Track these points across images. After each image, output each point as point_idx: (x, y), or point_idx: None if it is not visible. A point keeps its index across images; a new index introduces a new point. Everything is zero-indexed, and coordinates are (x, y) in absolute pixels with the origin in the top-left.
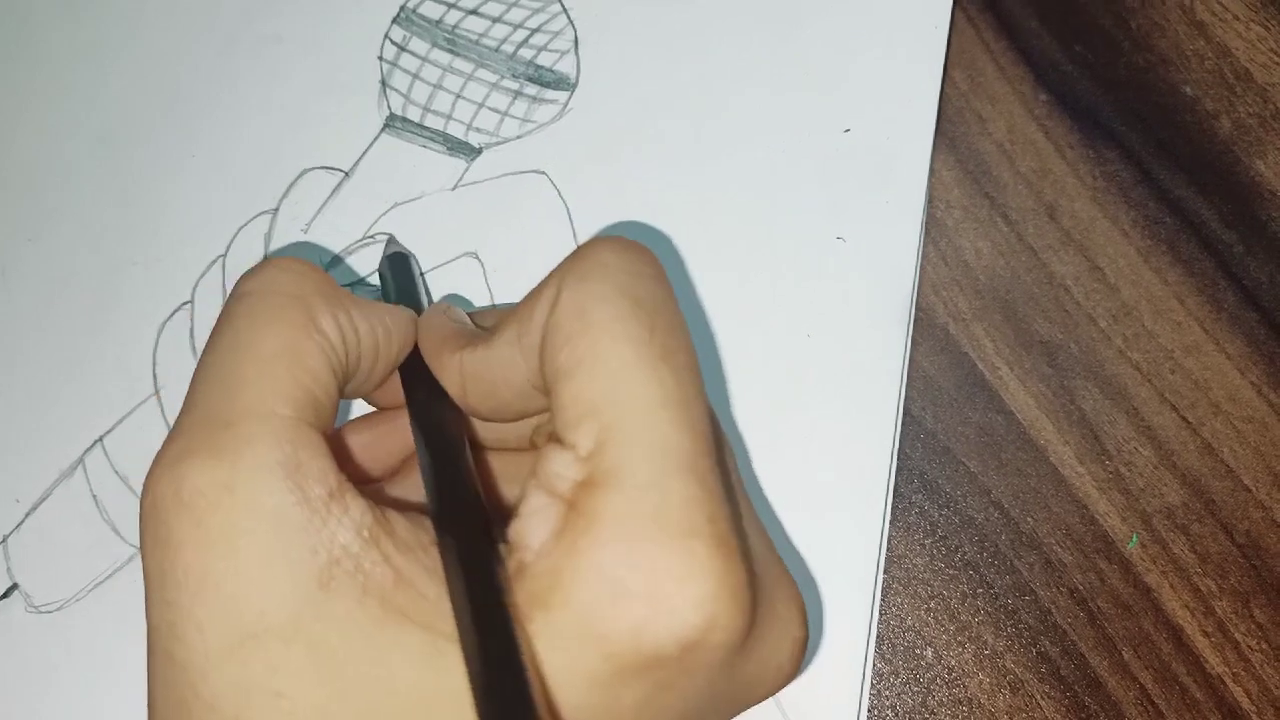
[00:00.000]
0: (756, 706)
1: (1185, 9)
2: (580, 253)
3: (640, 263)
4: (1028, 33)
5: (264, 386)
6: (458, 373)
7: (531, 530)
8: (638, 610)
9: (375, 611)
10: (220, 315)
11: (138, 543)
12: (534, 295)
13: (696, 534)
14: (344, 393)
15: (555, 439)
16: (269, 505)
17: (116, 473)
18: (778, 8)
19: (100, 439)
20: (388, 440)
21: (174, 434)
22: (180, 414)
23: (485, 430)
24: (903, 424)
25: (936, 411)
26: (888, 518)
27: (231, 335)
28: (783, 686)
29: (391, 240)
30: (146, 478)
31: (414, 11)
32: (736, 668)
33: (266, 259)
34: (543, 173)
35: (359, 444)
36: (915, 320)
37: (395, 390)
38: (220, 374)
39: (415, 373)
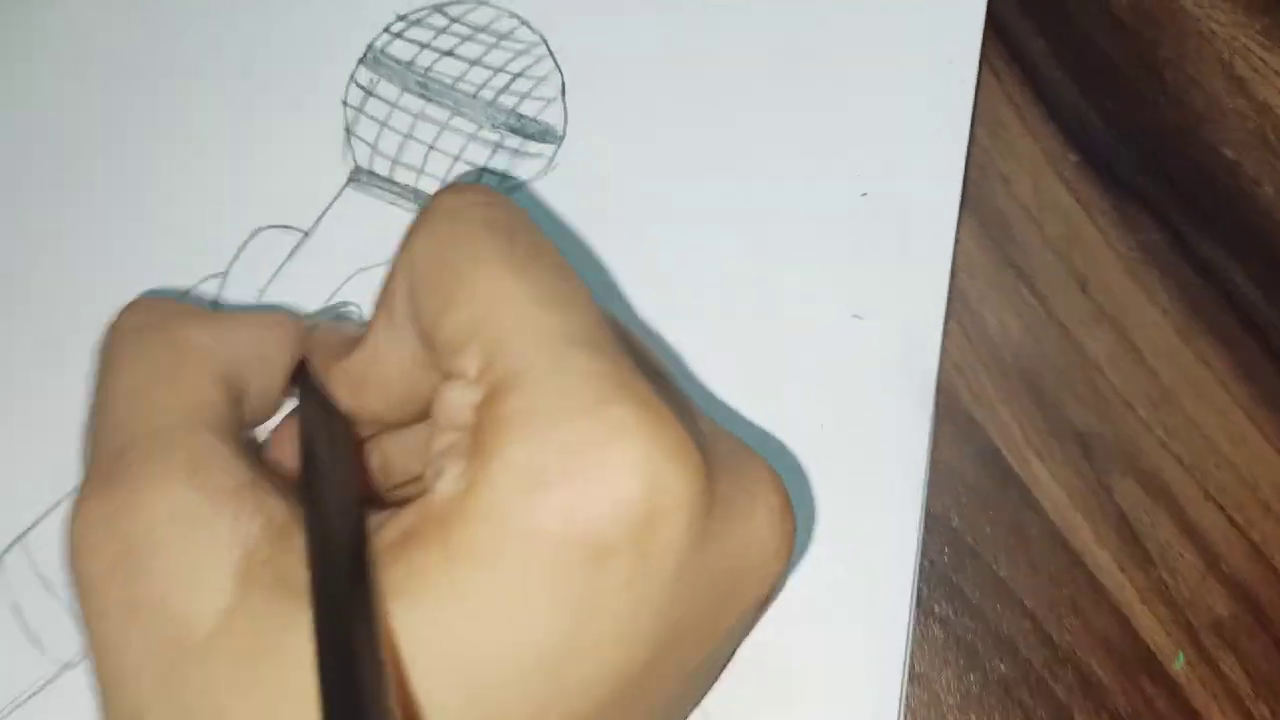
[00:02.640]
0: None
1: (1224, 63)
2: (423, 211)
3: (484, 194)
4: (1056, 86)
5: (145, 409)
6: (345, 380)
7: (443, 470)
8: (562, 493)
9: (291, 599)
10: (94, 375)
11: (64, 658)
12: (391, 269)
13: (613, 400)
14: (250, 412)
15: (445, 376)
16: (175, 509)
17: (40, 576)
18: (788, 60)
19: (21, 536)
20: None
21: (77, 487)
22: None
23: (411, 454)
24: (927, 522)
25: (961, 509)
26: (911, 630)
27: (104, 380)
28: (778, 573)
29: (341, 311)
30: (64, 538)
31: (382, 52)
32: (710, 550)
33: (122, 306)
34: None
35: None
36: (936, 404)
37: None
38: (101, 419)
39: (305, 391)
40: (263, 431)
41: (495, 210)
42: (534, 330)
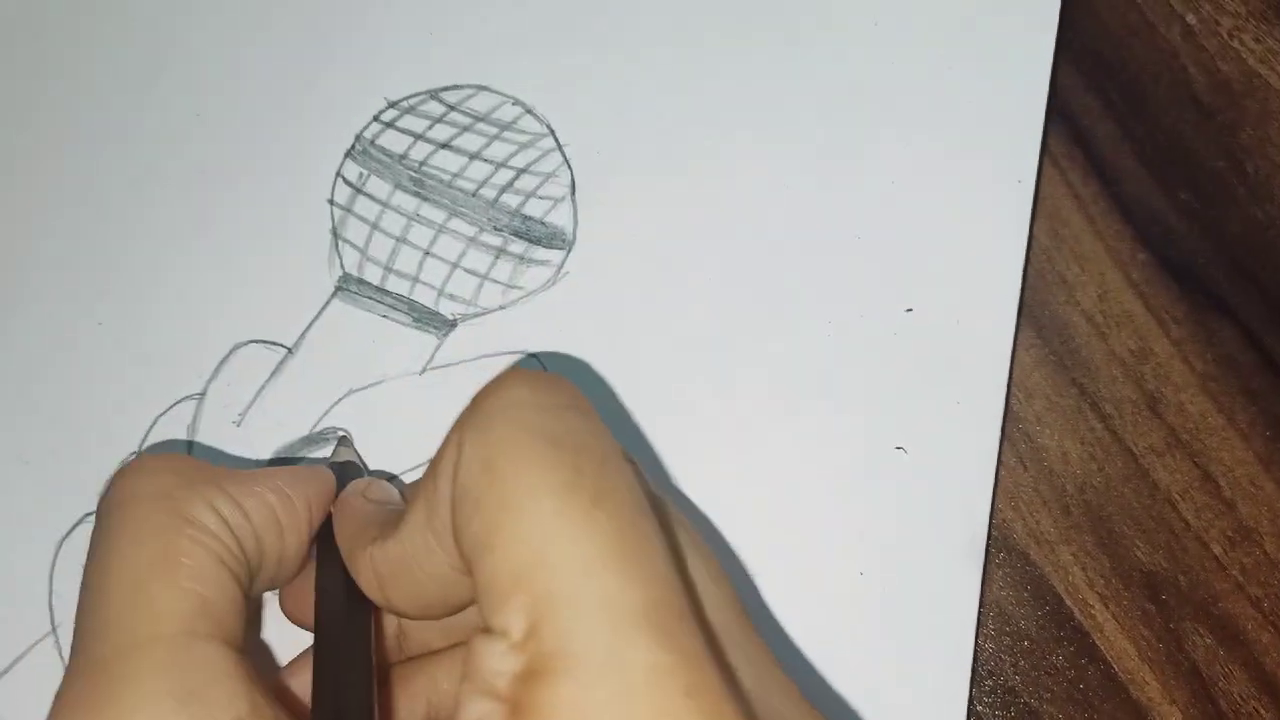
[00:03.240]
0: None
1: None
2: (480, 397)
3: (553, 394)
4: (1124, 175)
5: (139, 610)
6: (373, 573)
7: None
8: None
9: None
10: (90, 542)
11: None
12: (435, 461)
13: (676, 714)
14: (259, 584)
15: (485, 628)
16: None
17: None
18: (823, 160)
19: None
20: None
21: (60, 687)
22: (69, 658)
23: (430, 624)
24: (977, 675)
25: (1016, 661)
26: None
27: (97, 561)
28: None
29: (342, 443)
30: None
31: (372, 143)
32: None
33: (123, 465)
34: (533, 355)
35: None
36: (988, 542)
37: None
38: (93, 607)
39: (326, 565)
40: None
41: (562, 418)
42: (593, 599)
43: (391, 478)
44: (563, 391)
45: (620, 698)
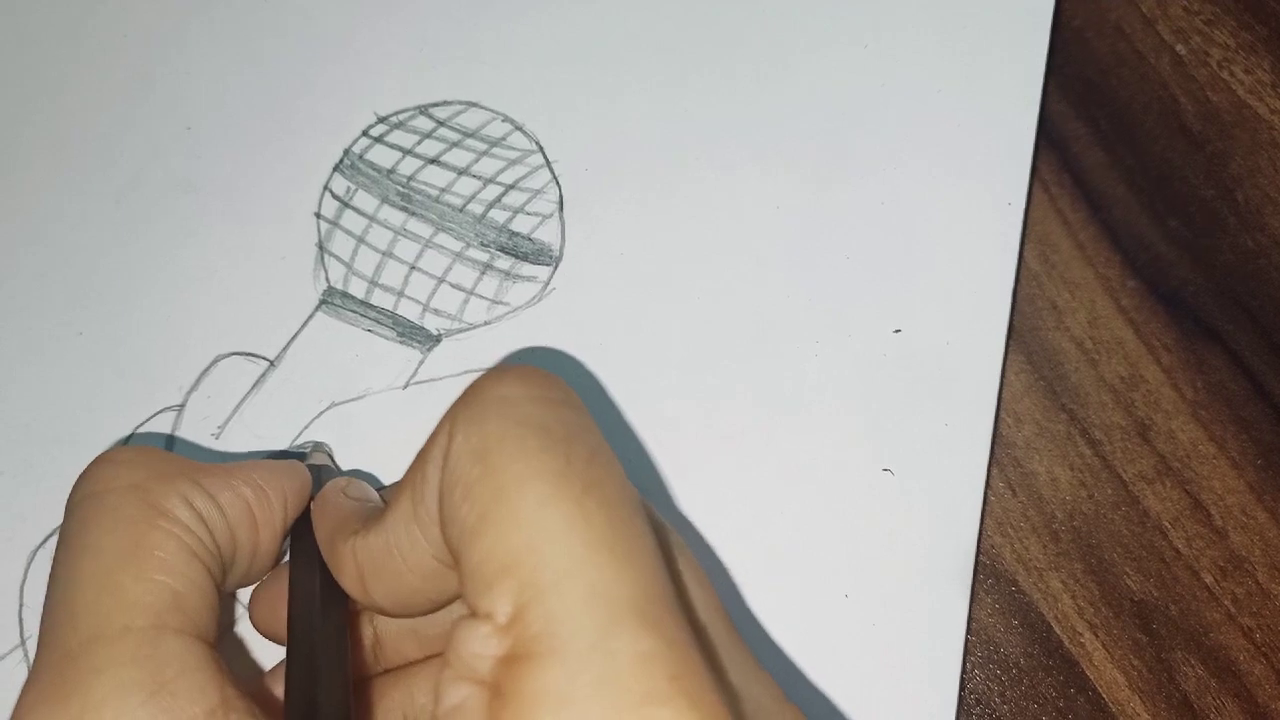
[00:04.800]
0: None
1: None
2: (471, 390)
3: (544, 388)
4: (1114, 202)
5: (108, 602)
6: (352, 565)
7: None
8: None
9: None
10: (60, 533)
11: None
12: (424, 452)
13: (660, 699)
14: (232, 579)
15: (468, 614)
16: None
17: None
18: (813, 181)
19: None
20: None
21: (27, 679)
22: (36, 651)
23: (406, 634)
24: (964, 703)
25: (1004, 689)
26: None
27: (67, 552)
28: None
29: (316, 447)
30: None
31: (360, 157)
32: None
33: (97, 457)
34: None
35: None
36: (976, 568)
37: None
38: (62, 598)
39: (300, 561)
40: None
41: (554, 411)
42: (581, 586)
43: (368, 478)
44: (555, 386)
45: (604, 683)
